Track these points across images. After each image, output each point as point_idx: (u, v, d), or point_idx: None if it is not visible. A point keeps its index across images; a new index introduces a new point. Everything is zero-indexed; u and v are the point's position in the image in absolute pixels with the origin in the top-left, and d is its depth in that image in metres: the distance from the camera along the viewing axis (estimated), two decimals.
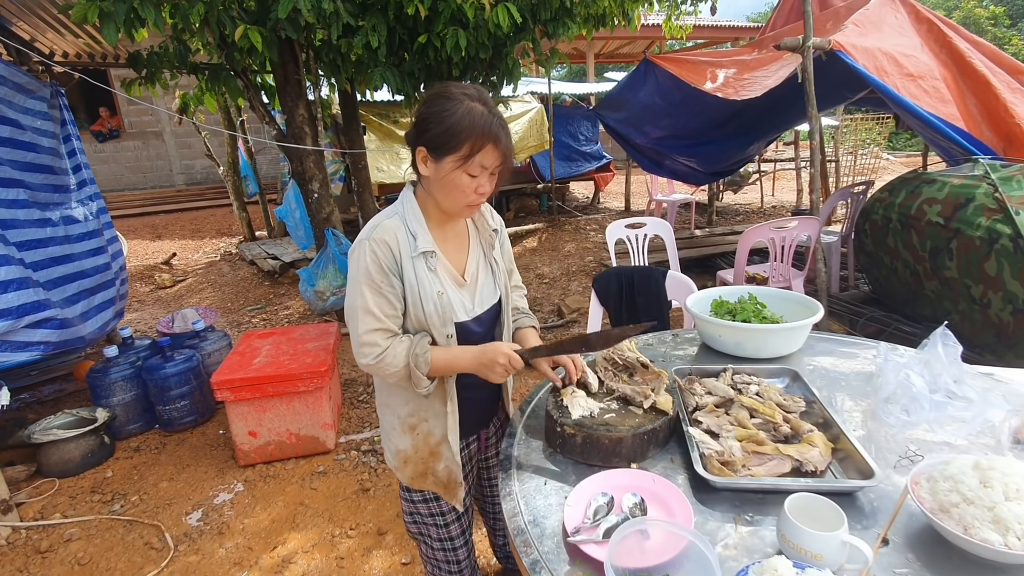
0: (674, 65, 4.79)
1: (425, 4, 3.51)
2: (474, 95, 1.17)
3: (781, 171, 10.28)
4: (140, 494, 2.62)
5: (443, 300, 1.25)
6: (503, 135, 1.17)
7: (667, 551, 0.90)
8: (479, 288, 1.34)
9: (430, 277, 1.24)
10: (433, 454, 1.37)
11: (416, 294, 1.23)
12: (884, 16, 3.90)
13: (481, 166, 1.17)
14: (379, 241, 1.21)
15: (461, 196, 1.20)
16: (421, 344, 1.23)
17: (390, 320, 1.24)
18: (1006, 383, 1.39)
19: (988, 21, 17.29)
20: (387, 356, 1.22)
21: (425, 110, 1.19)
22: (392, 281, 1.22)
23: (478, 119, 1.13)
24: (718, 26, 12.22)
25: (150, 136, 11.05)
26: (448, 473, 1.38)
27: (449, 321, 1.26)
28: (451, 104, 1.15)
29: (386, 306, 1.23)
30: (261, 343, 3.09)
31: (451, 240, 1.33)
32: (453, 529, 1.48)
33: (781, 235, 3.32)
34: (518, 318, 1.49)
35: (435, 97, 1.18)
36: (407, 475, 1.41)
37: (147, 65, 3.75)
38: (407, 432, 1.37)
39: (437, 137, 1.15)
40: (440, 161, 1.17)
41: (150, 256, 7.41)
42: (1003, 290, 2.53)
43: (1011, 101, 3.23)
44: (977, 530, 0.82)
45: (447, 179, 1.18)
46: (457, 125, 1.13)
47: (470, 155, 1.14)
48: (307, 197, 4.44)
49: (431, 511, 1.46)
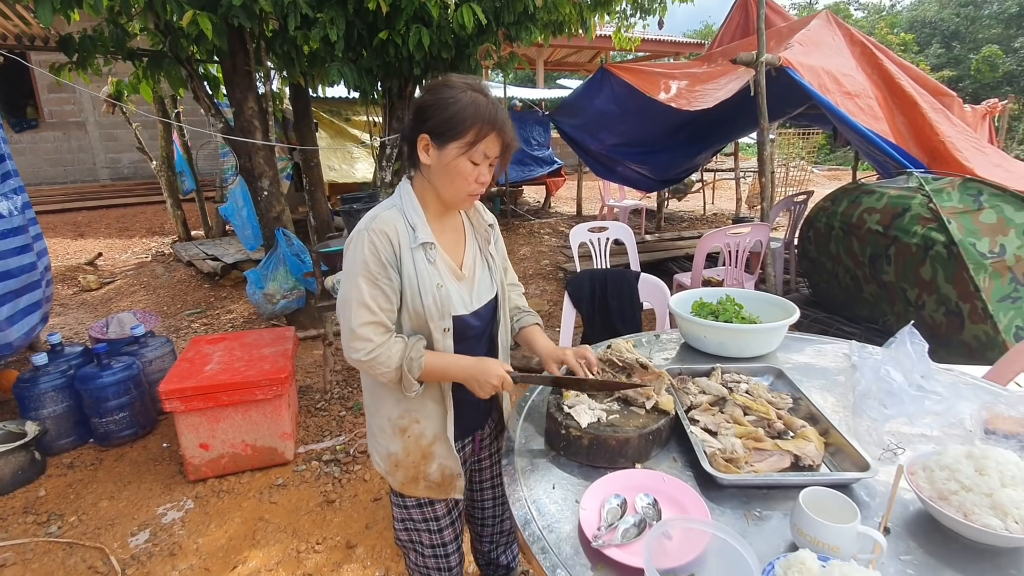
0: (630, 75, 4.93)
1: (386, 0, 3.43)
2: (477, 86, 1.19)
3: (720, 181, 10.80)
4: (79, 514, 2.39)
5: (442, 293, 1.23)
6: (507, 126, 1.18)
7: (690, 550, 0.91)
8: (476, 282, 1.33)
9: (429, 269, 1.23)
10: (425, 456, 1.34)
11: (415, 286, 1.22)
12: (823, 37, 4.18)
13: (484, 154, 1.17)
14: (378, 232, 1.19)
15: (463, 184, 1.20)
16: (416, 348, 1.21)
17: (385, 314, 1.21)
18: (966, 378, 1.50)
19: (899, 47, 18.95)
20: (381, 355, 1.19)
21: (429, 97, 1.18)
22: (389, 274, 1.20)
23: (483, 107, 1.15)
24: (662, 40, 12.71)
25: (72, 127, 10.14)
26: (442, 472, 1.36)
27: (447, 314, 1.24)
28: (456, 92, 1.16)
29: (382, 299, 1.20)
30: (211, 349, 2.90)
31: (448, 233, 1.32)
32: (447, 535, 1.45)
33: (735, 240, 3.47)
34: (520, 317, 1.48)
35: (439, 86, 1.19)
36: (398, 480, 1.37)
37: (79, 50, 3.44)
38: (398, 434, 1.33)
39: (442, 124, 1.15)
40: (444, 148, 1.17)
41: (72, 256, 6.80)
42: (937, 293, 2.75)
43: (935, 120, 3.54)
44: (977, 516, 0.87)
45: (450, 166, 1.18)
46: (463, 112, 1.14)
47: (475, 142, 1.15)
48: (256, 195, 4.22)
49: (425, 516, 1.42)
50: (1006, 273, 2.58)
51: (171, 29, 3.44)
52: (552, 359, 1.36)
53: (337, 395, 3.41)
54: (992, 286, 2.56)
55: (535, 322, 1.49)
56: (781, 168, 10.20)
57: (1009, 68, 19.24)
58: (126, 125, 6.71)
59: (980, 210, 2.70)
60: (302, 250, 4.15)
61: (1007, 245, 2.60)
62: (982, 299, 2.53)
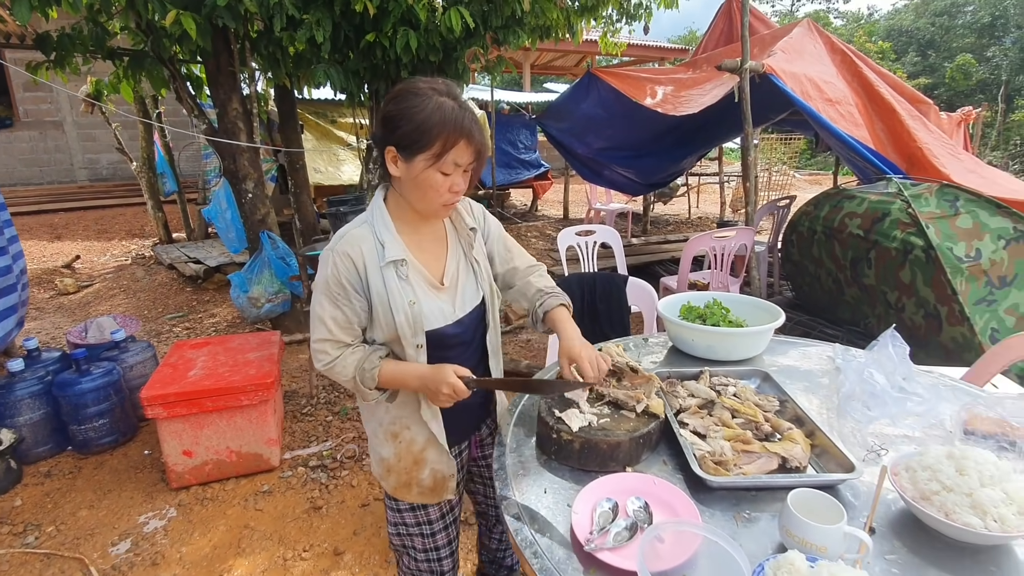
0: (616, 79, 4.97)
1: (374, 2, 3.42)
2: (443, 90, 1.13)
3: (705, 185, 10.93)
4: (56, 524, 2.33)
5: (414, 310, 1.21)
6: (476, 130, 1.13)
7: (681, 553, 0.92)
8: (460, 291, 1.30)
9: (401, 286, 1.20)
10: (417, 462, 1.34)
11: (386, 305, 1.20)
12: (805, 45, 4.26)
13: (454, 163, 1.13)
14: (341, 254, 1.18)
15: (435, 196, 1.16)
16: (371, 359, 1.22)
17: (343, 332, 1.22)
18: (945, 380, 1.54)
19: (877, 55, 19.38)
20: (336, 366, 1.22)
21: (393, 107, 1.13)
22: (350, 295, 1.20)
23: (449, 115, 1.10)
24: (647, 45, 12.84)
25: (48, 126, 9.91)
26: (434, 477, 1.35)
27: (420, 331, 1.22)
28: (419, 100, 1.10)
29: (341, 319, 1.21)
30: (195, 354, 2.85)
31: (428, 243, 1.29)
32: (440, 539, 1.44)
33: (721, 244, 3.52)
34: (543, 300, 1.38)
35: (402, 93, 1.13)
36: (391, 484, 1.38)
37: (57, 48, 3.37)
38: (389, 440, 1.34)
39: (407, 135, 1.11)
40: (411, 160, 1.13)
41: (49, 259, 6.65)
42: (916, 296, 2.82)
43: (913, 127, 3.63)
44: (958, 515, 0.90)
45: (419, 179, 1.14)
46: (427, 122, 1.09)
47: (442, 152, 1.11)
48: (240, 197, 4.16)
49: (418, 520, 1.42)
50: (982, 277, 2.65)
51: (153, 28, 3.39)
52: (564, 355, 1.27)
53: (323, 400, 3.38)
54: (969, 289, 2.63)
55: (559, 303, 1.36)
56: (764, 173, 10.36)
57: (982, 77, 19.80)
58: (105, 125, 6.58)
59: (957, 215, 2.77)
60: (287, 253, 4.11)
61: (982, 249, 2.68)
62: (959, 302, 2.59)
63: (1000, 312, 2.65)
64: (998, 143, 14.93)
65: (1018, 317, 2.66)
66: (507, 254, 1.45)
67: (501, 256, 1.44)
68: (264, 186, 4.25)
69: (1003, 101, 15.39)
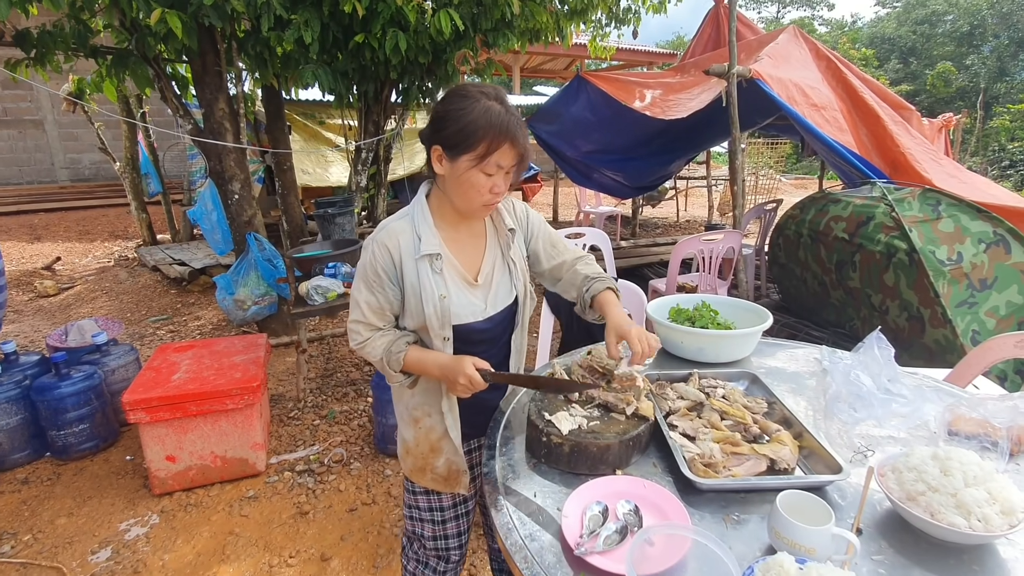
0: (606, 83, 4.99)
1: (363, 3, 3.41)
2: (491, 94, 1.17)
3: (693, 188, 11.03)
4: (34, 532, 2.27)
5: (444, 304, 1.25)
6: (520, 134, 1.17)
7: (671, 556, 0.91)
8: (494, 288, 1.33)
9: (434, 280, 1.24)
10: (434, 450, 1.39)
11: (418, 296, 1.25)
12: (791, 51, 4.31)
13: (497, 165, 1.16)
14: (380, 243, 1.25)
15: (476, 196, 1.20)
16: (399, 343, 1.28)
17: (375, 316, 1.29)
18: (929, 381, 1.56)
19: (860, 62, 19.70)
20: (367, 346, 1.30)
21: (441, 108, 1.18)
22: (384, 283, 1.26)
23: (495, 118, 1.13)
24: (636, 50, 12.93)
25: (28, 125, 9.74)
26: (448, 467, 1.40)
27: (447, 324, 1.26)
28: (468, 103, 1.15)
29: (374, 304, 1.28)
30: (179, 357, 2.81)
31: (466, 240, 1.32)
32: (450, 527, 1.48)
33: (709, 247, 3.54)
34: (590, 285, 1.39)
35: (452, 95, 1.18)
36: (408, 466, 1.44)
37: (37, 45, 3.31)
38: (411, 424, 1.40)
39: (453, 136, 1.15)
40: (456, 160, 1.17)
41: (28, 260, 6.52)
42: (899, 298, 2.86)
43: (896, 132, 3.68)
44: (943, 515, 0.91)
45: (462, 178, 1.18)
46: (474, 124, 1.13)
47: (486, 154, 1.14)
48: (226, 198, 4.12)
49: (431, 505, 1.46)
50: (963, 279, 2.70)
51: (138, 26, 3.34)
52: (612, 332, 1.26)
53: (311, 403, 3.34)
54: (951, 292, 2.67)
55: (607, 287, 1.37)
56: (751, 177, 10.48)
57: (961, 84, 20.22)
58: (87, 124, 6.48)
59: (939, 219, 2.82)
60: (274, 255, 4.06)
61: (964, 253, 2.72)
62: (942, 304, 2.63)
63: (981, 314, 2.69)
64: (977, 149, 15.26)
65: (998, 319, 2.71)
66: (553, 250, 1.45)
67: (548, 253, 1.45)
68: (251, 187, 4.21)
69: (981, 108, 15.72)
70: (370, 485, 2.59)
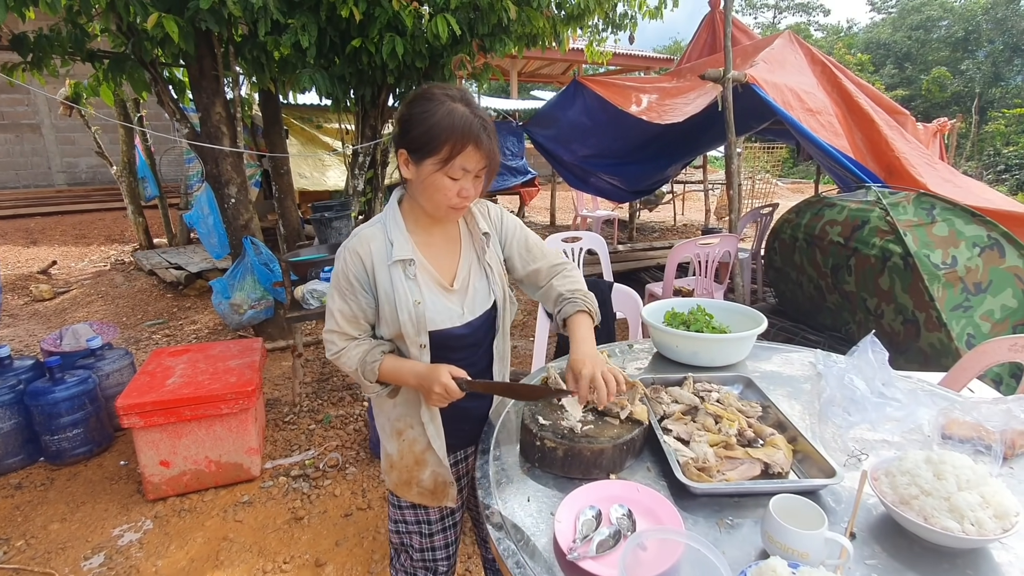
0: (602, 88, 5.01)
1: (360, 8, 3.41)
2: (457, 96, 1.15)
3: (690, 192, 11.06)
4: (27, 538, 2.26)
5: (418, 310, 1.22)
6: (485, 136, 1.13)
7: (664, 561, 0.91)
8: (471, 293, 1.30)
9: (407, 285, 1.22)
10: (419, 462, 1.36)
11: (392, 303, 1.22)
12: (786, 56, 4.33)
13: (463, 169, 1.14)
14: (352, 251, 1.23)
15: (443, 199, 1.17)
16: (374, 353, 1.25)
17: (349, 325, 1.26)
18: (923, 385, 1.56)
19: (856, 67, 19.82)
20: (342, 356, 1.27)
21: (406, 111, 1.17)
22: (357, 291, 1.24)
23: (459, 120, 1.11)
24: (632, 55, 12.98)
25: (25, 128, 9.72)
26: (435, 479, 1.37)
27: (423, 331, 1.23)
28: (432, 105, 1.13)
29: (348, 312, 1.25)
30: (174, 361, 2.80)
31: (440, 245, 1.30)
32: (438, 540, 1.45)
33: (705, 251, 3.55)
34: (563, 306, 1.33)
35: (417, 98, 1.17)
36: (392, 480, 1.40)
37: (34, 49, 3.31)
38: (394, 436, 1.37)
39: (417, 139, 1.13)
40: (421, 164, 1.15)
41: (24, 264, 6.50)
42: (894, 302, 2.86)
43: (891, 137, 3.70)
44: (937, 519, 0.90)
45: (427, 182, 1.16)
46: (437, 127, 1.11)
47: (450, 158, 1.12)
48: (223, 202, 4.11)
49: (418, 518, 1.43)
50: (958, 283, 2.70)
51: (134, 31, 3.35)
52: (570, 369, 1.22)
53: (307, 408, 3.33)
54: (945, 296, 2.67)
55: (578, 310, 1.30)
56: (747, 181, 10.51)
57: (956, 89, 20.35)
58: (84, 128, 6.47)
59: (933, 223, 2.83)
60: (271, 259, 4.06)
61: (958, 256, 2.73)
62: (936, 308, 2.64)
63: (976, 318, 2.70)
64: (972, 153, 15.34)
65: (993, 323, 2.71)
66: (528, 255, 1.40)
67: (522, 258, 1.40)
68: (247, 191, 4.20)
69: (977, 112, 15.82)
70: (365, 490, 2.57)
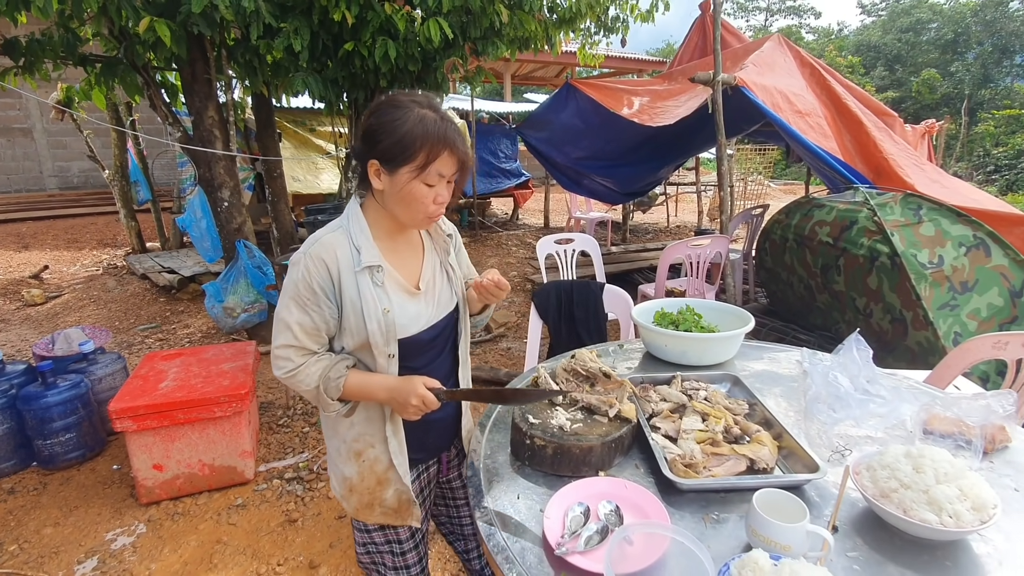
0: (594, 90, 5.04)
1: (352, 12, 3.43)
2: (424, 102, 1.14)
3: (683, 194, 11.11)
4: (20, 543, 2.25)
5: (388, 318, 1.19)
6: (459, 141, 1.14)
7: (650, 555, 0.93)
8: (436, 296, 1.30)
9: (376, 293, 1.18)
10: (380, 482, 1.31)
11: (359, 311, 1.18)
12: (776, 59, 4.38)
13: (438, 174, 1.13)
14: (315, 257, 1.16)
15: (420, 207, 1.15)
16: (337, 368, 1.19)
17: (309, 339, 1.19)
18: (908, 382, 1.59)
19: (847, 69, 19.99)
20: (299, 374, 1.19)
21: (374, 120, 1.13)
22: (320, 301, 1.17)
23: (431, 126, 1.10)
24: (625, 57, 13.05)
25: (16, 133, 9.66)
26: (398, 498, 1.32)
27: (392, 340, 1.20)
28: (401, 112, 1.11)
29: (308, 324, 1.18)
30: (167, 365, 2.80)
31: (404, 250, 1.28)
32: (410, 557, 1.41)
33: (696, 252, 3.58)
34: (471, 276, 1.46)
35: (383, 107, 1.14)
36: (352, 505, 1.34)
37: (26, 54, 3.31)
38: (353, 458, 1.30)
39: (390, 148, 1.11)
40: (395, 173, 1.13)
41: (15, 269, 6.46)
42: (883, 301, 2.90)
43: (879, 138, 3.75)
44: (916, 511, 0.93)
45: (404, 191, 1.14)
46: (410, 134, 1.09)
47: (426, 164, 1.11)
48: (216, 206, 4.11)
49: (387, 538, 1.39)
50: (944, 282, 2.74)
51: (127, 35, 3.34)
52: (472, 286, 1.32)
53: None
54: (932, 295, 2.71)
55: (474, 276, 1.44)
56: (740, 182, 10.57)
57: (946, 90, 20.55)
58: (77, 132, 6.44)
59: (920, 223, 2.87)
60: (264, 262, 4.06)
61: (944, 256, 2.77)
62: (923, 307, 2.67)
63: (963, 316, 2.73)
64: (963, 154, 15.49)
65: (980, 321, 2.75)
66: (468, 270, 1.48)
67: (464, 272, 1.46)
68: (240, 195, 4.20)
69: (966, 114, 15.98)
70: None
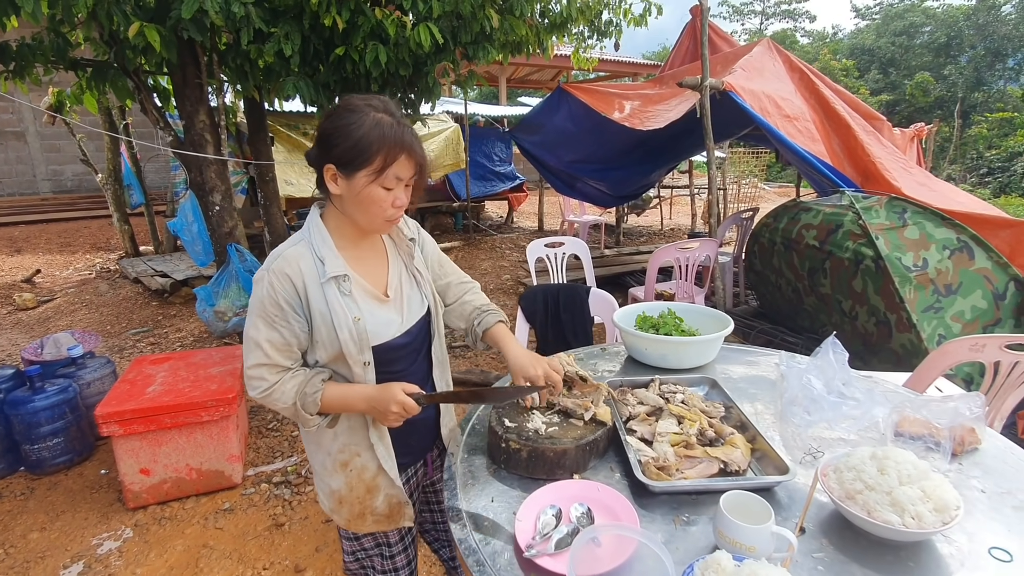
0: (586, 94, 5.08)
1: (343, 17, 3.45)
2: (379, 106, 1.14)
3: (677, 197, 11.15)
4: (5, 548, 2.25)
5: (359, 326, 1.18)
6: (416, 144, 1.14)
7: (618, 556, 0.94)
8: (405, 301, 1.29)
9: (344, 302, 1.17)
10: (370, 490, 1.30)
11: (329, 323, 1.16)
12: (765, 63, 4.41)
13: (396, 178, 1.13)
14: (278, 273, 1.14)
15: (379, 211, 1.15)
16: (313, 383, 1.18)
17: (281, 355, 1.18)
18: (883, 384, 1.61)
19: (841, 72, 20.10)
20: (275, 392, 1.17)
21: (329, 125, 1.13)
22: (288, 316, 1.15)
23: (387, 130, 1.10)
24: (620, 61, 13.10)
25: (9, 136, 9.65)
26: (388, 503, 1.32)
27: (366, 348, 1.19)
28: (356, 116, 1.10)
29: (278, 341, 1.17)
30: (155, 369, 2.80)
31: (368, 257, 1.27)
32: (399, 560, 1.41)
33: (685, 255, 3.60)
34: (481, 318, 1.40)
35: (338, 111, 1.14)
36: (343, 517, 1.33)
37: (16, 58, 3.31)
38: (339, 470, 1.29)
39: (346, 152, 1.10)
40: (352, 177, 1.12)
41: (7, 273, 6.44)
42: (867, 304, 2.92)
43: (867, 142, 3.78)
44: (879, 513, 0.94)
45: (361, 195, 1.13)
46: (366, 138, 1.09)
47: (383, 168, 1.11)
48: (207, 210, 4.11)
49: (377, 542, 1.39)
50: (928, 285, 2.76)
51: (117, 39, 3.35)
52: (520, 374, 1.28)
53: None
54: (916, 297, 2.73)
55: (498, 320, 1.39)
56: (733, 185, 10.61)
57: (940, 93, 20.68)
58: (69, 136, 6.45)
59: (904, 226, 2.89)
60: (256, 266, 4.06)
61: (929, 259, 2.80)
62: (907, 310, 2.70)
63: (947, 319, 2.76)
64: (956, 157, 15.59)
65: (964, 323, 2.78)
66: (440, 270, 1.45)
67: (435, 272, 1.44)
68: (232, 198, 4.21)
69: (959, 116, 16.10)
70: None
